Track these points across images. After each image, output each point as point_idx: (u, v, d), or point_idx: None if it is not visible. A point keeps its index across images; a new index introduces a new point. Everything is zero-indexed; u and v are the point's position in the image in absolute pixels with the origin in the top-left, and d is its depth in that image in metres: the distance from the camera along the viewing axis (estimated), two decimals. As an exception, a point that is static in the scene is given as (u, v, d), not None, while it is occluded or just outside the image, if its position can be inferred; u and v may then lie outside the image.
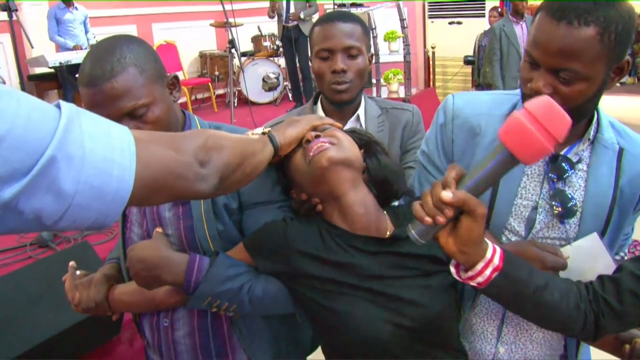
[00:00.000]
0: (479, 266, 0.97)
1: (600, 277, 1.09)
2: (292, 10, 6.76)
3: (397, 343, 1.12)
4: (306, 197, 1.24)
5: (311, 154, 1.17)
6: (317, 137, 1.20)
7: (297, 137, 1.20)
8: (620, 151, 1.21)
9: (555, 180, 1.21)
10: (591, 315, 1.05)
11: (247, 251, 1.22)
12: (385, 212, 1.25)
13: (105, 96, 1.11)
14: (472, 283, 1.00)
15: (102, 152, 0.70)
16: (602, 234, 1.21)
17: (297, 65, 6.99)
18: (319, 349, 1.60)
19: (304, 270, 1.17)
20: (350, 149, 1.20)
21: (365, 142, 1.29)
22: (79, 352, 2.30)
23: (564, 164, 1.20)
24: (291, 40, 6.83)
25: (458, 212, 0.92)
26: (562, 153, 1.21)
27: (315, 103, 1.78)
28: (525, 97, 1.15)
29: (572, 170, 1.21)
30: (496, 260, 0.97)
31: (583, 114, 1.15)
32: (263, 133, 1.16)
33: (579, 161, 1.22)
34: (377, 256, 1.17)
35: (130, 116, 1.15)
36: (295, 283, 1.19)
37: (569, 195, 1.20)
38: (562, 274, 1.20)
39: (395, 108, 1.77)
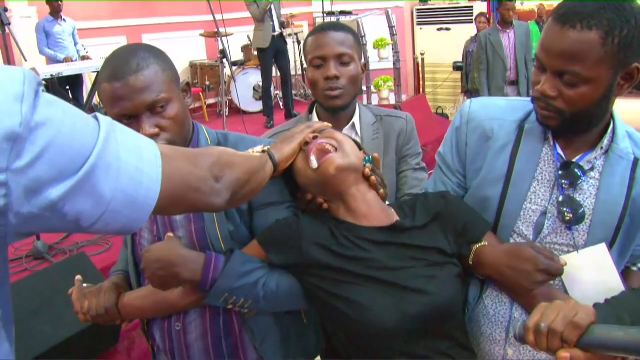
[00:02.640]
0: None
1: None
2: (274, 16, 6.72)
3: (402, 332, 1.15)
4: (311, 197, 1.31)
5: (313, 157, 1.23)
6: (315, 138, 1.26)
7: (293, 153, 1.27)
8: (636, 161, 1.21)
9: (566, 186, 1.22)
10: None
11: (260, 246, 1.27)
12: (389, 206, 1.31)
13: (130, 89, 1.18)
14: None
15: (134, 163, 0.76)
16: (612, 243, 1.21)
17: (278, 74, 7.05)
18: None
19: (315, 260, 1.22)
20: (352, 151, 1.27)
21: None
22: (77, 364, 2.28)
23: (576, 171, 1.21)
24: (275, 49, 6.74)
25: None
26: (574, 160, 1.22)
27: (310, 112, 1.83)
28: (534, 100, 1.18)
29: (585, 177, 1.21)
30: None
31: (592, 120, 1.17)
32: (263, 151, 1.22)
33: (592, 169, 1.22)
34: (384, 247, 1.22)
35: (151, 111, 1.21)
36: (306, 274, 1.24)
37: (579, 202, 1.21)
38: (565, 282, 1.21)
39: (389, 116, 1.82)
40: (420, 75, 8.92)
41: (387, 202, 1.35)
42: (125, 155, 0.75)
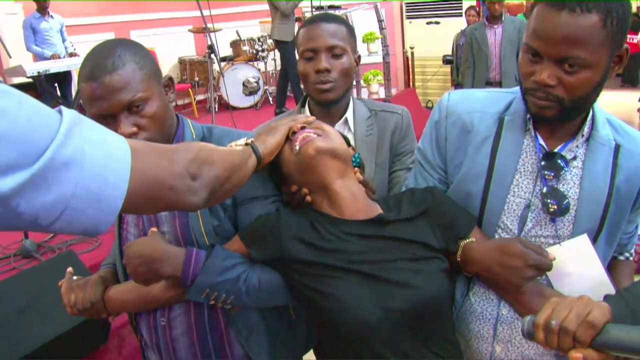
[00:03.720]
0: None
1: None
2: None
3: (386, 327, 1.12)
4: (296, 188, 1.28)
5: (297, 143, 1.22)
6: (302, 128, 1.25)
7: (277, 145, 1.25)
8: (617, 148, 1.20)
9: (550, 177, 1.20)
10: None
11: (242, 241, 1.26)
12: (375, 201, 1.29)
13: (106, 89, 1.17)
14: None
15: (100, 159, 0.72)
16: (597, 232, 1.20)
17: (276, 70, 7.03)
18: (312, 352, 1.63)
19: (295, 256, 1.21)
20: (336, 140, 1.26)
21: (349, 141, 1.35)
22: (67, 362, 2.27)
23: (559, 161, 1.19)
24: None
25: None
26: (556, 150, 1.20)
27: (302, 106, 1.78)
28: (527, 91, 1.14)
29: (568, 168, 1.20)
30: None
31: (586, 105, 1.16)
32: (246, 144, 1.19)
33: (574, 158, 1.21)
34: (367, 240, 1.20)
35: (129, 110, 1.20)
36: (288, 269, 1.23)
37: (564, 193, 1.19)
38: (549, 275, 1.20)
39: (384, 111, 1.76)
40: (410, 69, 8.93)
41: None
42: (90, 151, 0.72)
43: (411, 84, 8.93)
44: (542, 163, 1.20)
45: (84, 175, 0.70)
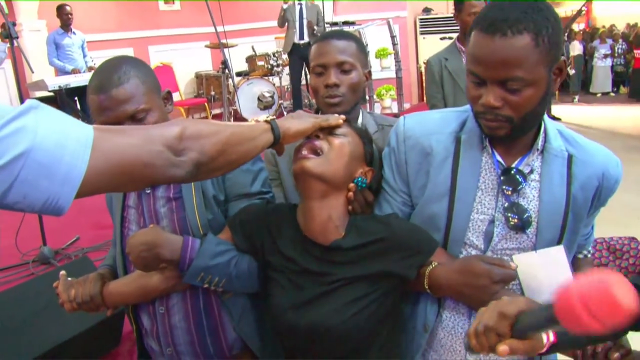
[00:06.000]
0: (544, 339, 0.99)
1: None
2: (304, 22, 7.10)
3: (298, 342, 1.29)
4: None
5: (299, 155, 1.28)
6: (316, 137, 1.30)
7: (303, 131, 1.26)
8: (570, 158, 1.24)
9: (509, 192, 1.23)
10: None
11: (229, 229, 1.39)
12: (348, 223, 1.31)
13: (112, 101, 1.32)
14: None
15: (54, 137, 0.77)
16: (559, 240, 1.24)
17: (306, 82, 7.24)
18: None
19: (262, 249, 1.35)
20: (333, 164, 1.27)
21: (373, 159, 1.38)
22: (79, 363, 2.36)
23: (517, 176, 1.22)
24: (301, 58, 7.07)
25: None
26: (513, 165, 1.24)
27: None
28: (477, 115, 1.19)
29: (525, 182, 1.23)
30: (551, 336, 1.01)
31: (536, 120, 1.20)
32: (265, 121, 1.21)
33: (531, 172, 1.24)
34: (317, 261, 1.29)
35: (132, 120, 1.34)
36: (257, 261, 1.37)
37: (524, 207, 1.22)
38: (522, 280, 1.24)
39: (390, 125, 1.75)
40: (424, 84, 8.97)
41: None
42: (44, 129, 0.76)
43: (425, 98, 8.97)
44: (501, 178, 1.24)
45: (35, 149, 0.75)
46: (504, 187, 1.23)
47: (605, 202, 1.31)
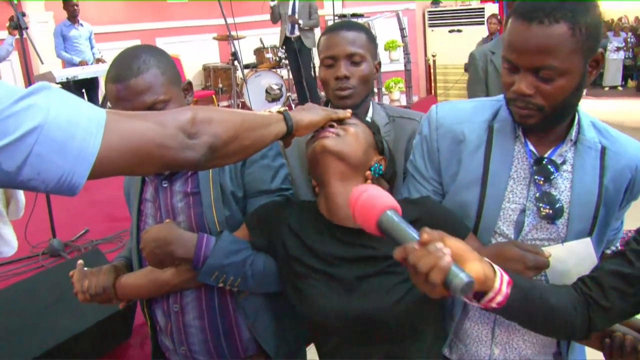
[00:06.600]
0: (496, 284, 0.97)
1: (582, 279, 1.13)
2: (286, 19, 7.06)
3: (345, 331, 1.21)
4: (315, 183, 1.35)
5: (318, 135, 1.27)
6: (331, 126, 1.29)
7: (315, 123, 1.26)
8: (603, 150, 1.24)
9: (541, 182, 1.23)
10: (585, 315, 1.10)
11: (246, 225, 1.35)
12: None
13: (130, 91, 1.27)
14: (494, 304, 0.99)
15: (67, 116, 0.77)
16: (590, 232, 1.24)
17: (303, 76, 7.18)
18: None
19: (284, 247, 1.29)
20: (352, 145, 1.26)
21: (384, 149, 1.36)
22: (91, 356, 2.37)
23: (549, 166, 1.23)
24: (295, 51, 7.00)
25: None
26: (546, 155, 1.24)
27: None
28: (509, 101, 1.19)
29: (558, 172, 1.23)
30: (505, 275, 0.99)
31: (568, 111, 1.19)
32: (278, 112, 1.21)
33: (564, 162, 1.24)
34: (348, 246, 1.24)
35: (151, 110, 1.27)
36: (278, 259, 1.31)
37: (556, 197, 1.23)
38: (548, 273, 1.23)
39: (402, 117, 1.76)
40: (432, 77, 8.94)
41: None
42: (57, 108, 0.77)
43: (433, 91, 8.93)
44: (534, 168, 1.24)
45: (48, 125, 0.75)
46: (536, 176, 1.23)
47: (637, 196, 1.30)
